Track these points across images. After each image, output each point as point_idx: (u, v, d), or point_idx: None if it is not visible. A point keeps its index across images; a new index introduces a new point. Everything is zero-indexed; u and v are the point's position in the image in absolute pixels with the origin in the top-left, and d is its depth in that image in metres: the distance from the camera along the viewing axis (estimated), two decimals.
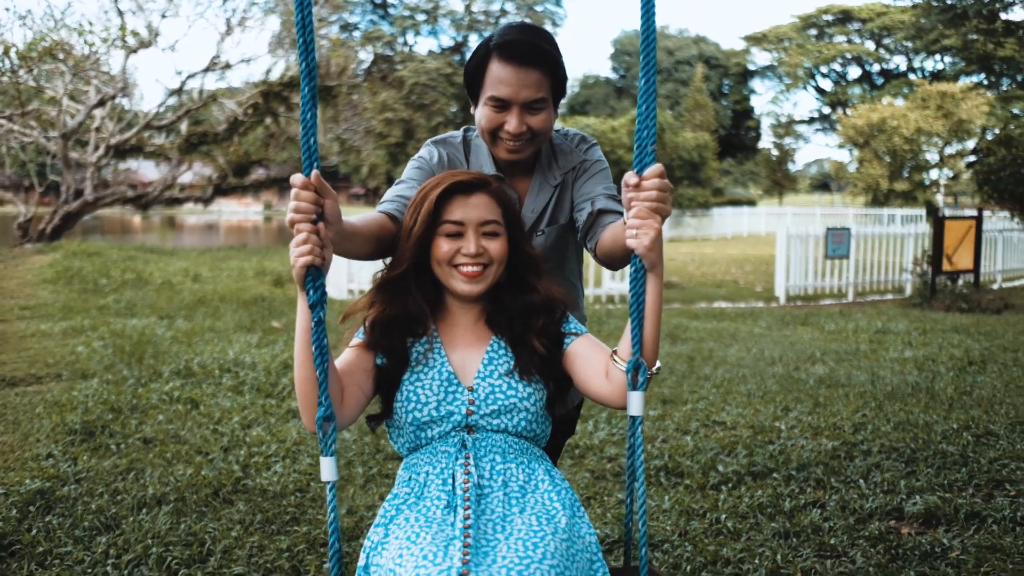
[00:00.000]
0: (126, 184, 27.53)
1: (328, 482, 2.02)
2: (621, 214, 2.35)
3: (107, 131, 22.92)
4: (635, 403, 2.12)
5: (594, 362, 2.24)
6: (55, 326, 9.55)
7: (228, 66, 22.72)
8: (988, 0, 11.70)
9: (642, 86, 1.97)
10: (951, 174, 46.46)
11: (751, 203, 47.61)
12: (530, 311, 2.29)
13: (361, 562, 2.13)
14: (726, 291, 15.72)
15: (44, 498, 4.10)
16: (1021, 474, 4.34)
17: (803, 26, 66.47)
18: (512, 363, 2.26)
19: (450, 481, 2.15)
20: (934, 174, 47.60)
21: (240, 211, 62.91)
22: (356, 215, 2.28)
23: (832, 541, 3.69)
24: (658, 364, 2.19)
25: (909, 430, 5.17)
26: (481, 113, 2.46)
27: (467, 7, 67.40)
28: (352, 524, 3.97)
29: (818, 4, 65.22)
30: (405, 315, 2.26)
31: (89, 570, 3.39)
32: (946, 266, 13.66)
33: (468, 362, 2.27)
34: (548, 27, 49.51)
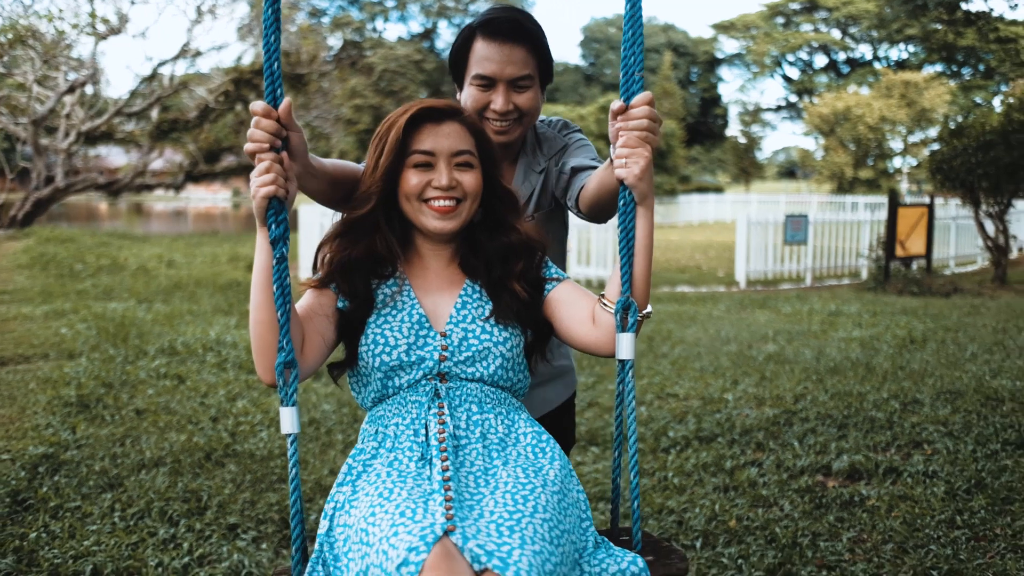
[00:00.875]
0: (95, 171, 27.64)
1: (288, 435, 1.91)
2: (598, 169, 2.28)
3: (77, 118, 23.04)
4: (625, 346, 2.01)
5: (579, 308, 2.12)
6: (36, 309, 9.83)
7: (199, 53, 22.89)
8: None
9: (627, 10, 1.92)
10: (914, 162, 47.29)
11: (718, 190, 48.20)
12: (508, 253, 2.13)
13: (322, 528, 1.94)
14: (689, 276, 16.18)
15: (50, 461, 4.46)
16: (938, 436, 4.81)
17: (770, 14, 67.13)
18: (488, 308, 2.11)
19: (422, 432, 2.00)
20: (897, 162, 48.44)
21: (208, 198, 62.69)
22: (328, 159, 2.15)
23: (765, 493, 4.13)
24: (649, 308, 2.08)
25: (844, 399, 5.62)
26: (467, 94, 2.41)
27: None
28: (332, 484, 4.36)
29: None
30: (370, 255, 2.09)
31: (98, 521, 3.76)
32: (899, 252, 14.19)
33: (440, 306, 2.11)
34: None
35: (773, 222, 15.26)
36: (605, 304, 2.05)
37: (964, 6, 35.45)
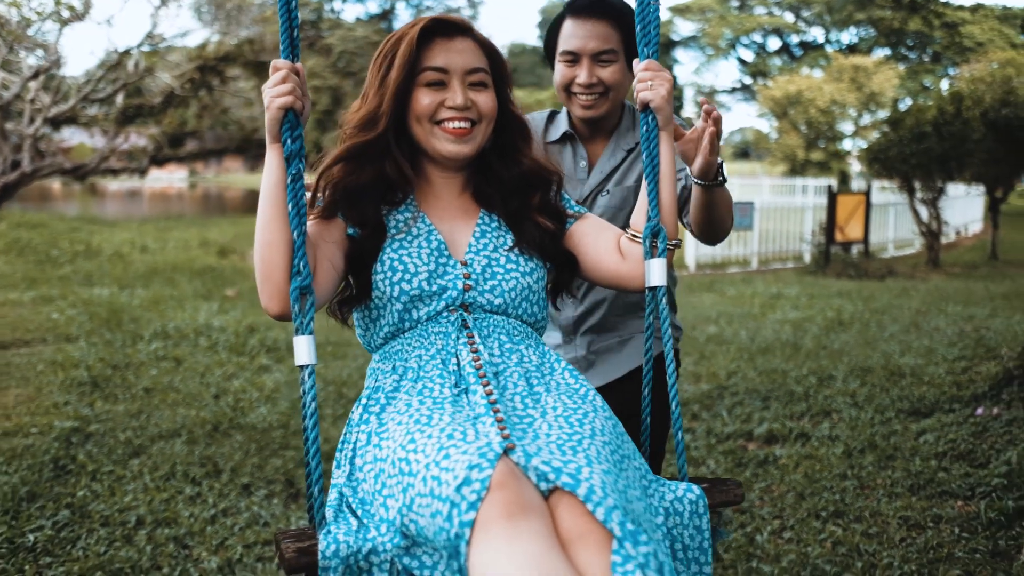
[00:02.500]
0: (59, 154, 27.88)
1: (306, 366, 1.75)
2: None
3: (42, 103, 23.32)
4: (656, 271, 1.95)
5: (605, 239, 2.05)
6: (23, 295, 10.37)
7: (163, 40, 23.24)
8: None
9: None
10: (864, 144, 48.44)
11: None
12: (524, 184, 2.04)
13: (338, 478, 1.87)
14: None
15: (79, 433, 5.12)
16: (845, 406, 5.60)
17: None
18: (511, 239, 2.02)
19: (452, 362, 1.88)
20: (848, 144, 49.58)
21: (164, 177, 62.45)
22: None
23: (695, 455, 4.90)
24: (679, 239, 2.05)
25: (770, 376, 6.41)
26: (556, 71, 2.50)
27: None
28: (329, 450, 5.06)
29: None
30: (380, 181, 1.96)
31: (132, 482, 4.43)
32: (839, 237, 15.07)
33: (457, 235, 2.00)
34: None
35: None
36: (634, 235, 2.00)
37: None
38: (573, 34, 2.44)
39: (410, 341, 1.92)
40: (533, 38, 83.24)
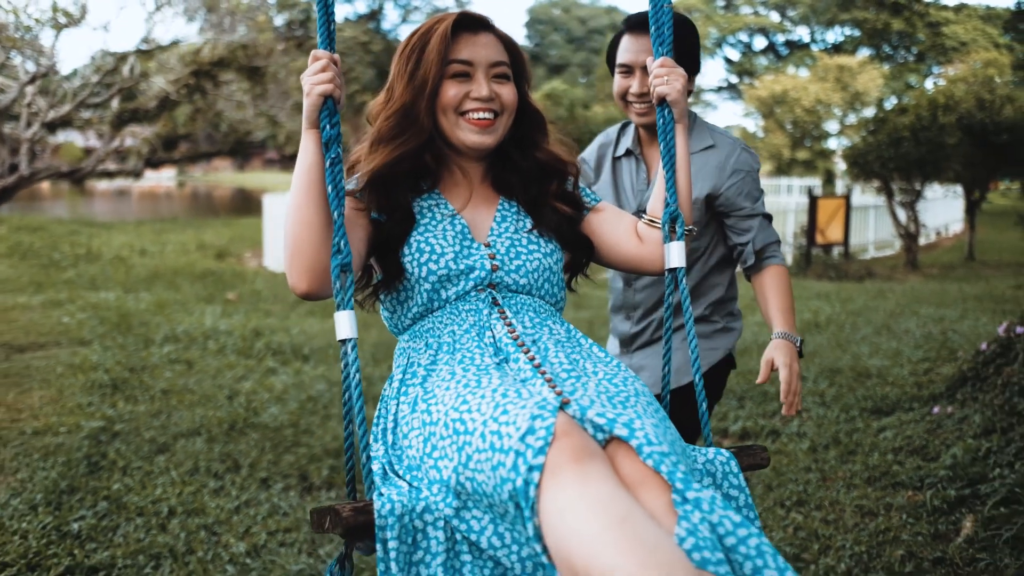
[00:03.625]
0: (48, 154, 28.19)
1: (348, 339, 1.83)
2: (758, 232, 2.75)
3: (39, 107, 23.65)
4: (675, 254, 2.08)
5: (622, 225, 2.19)
6: (32, 299, 10.76)
7: (160, 47, 23.59)
8: None
9: None
10: (849, 143, 48.96)
11: None
12: (541, 173, 2.17)
13: (377, 451, 1.92)
14: None
15: (106, 432, 5.53)
16: (814, 405, 6.07)
17: None
18: (529, 222, 2.15)
19: (487, 335, 1.98)
20: (833, 143, 50.09)
21: (152, 176, 62.49)
22: None
23: None
24: (693, 226, 2.16)
25: (746, 376, 6.85)
26: (615, 82, 2.77)
27: None
28: (336, 447, 5.47)
29: None
30: (416, 169, 2.09)
31: (160, 476, 4.85)
32: (819, 239, 15.56)
33: (478, 219, 2.13)
34: None
35: None
36: (651, 221, 2.15)
37: None
38: (627, 48, 2.70)
39: (440, 319, 2.03)
40: (520, 38, 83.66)
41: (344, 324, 1.83)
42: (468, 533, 1.70)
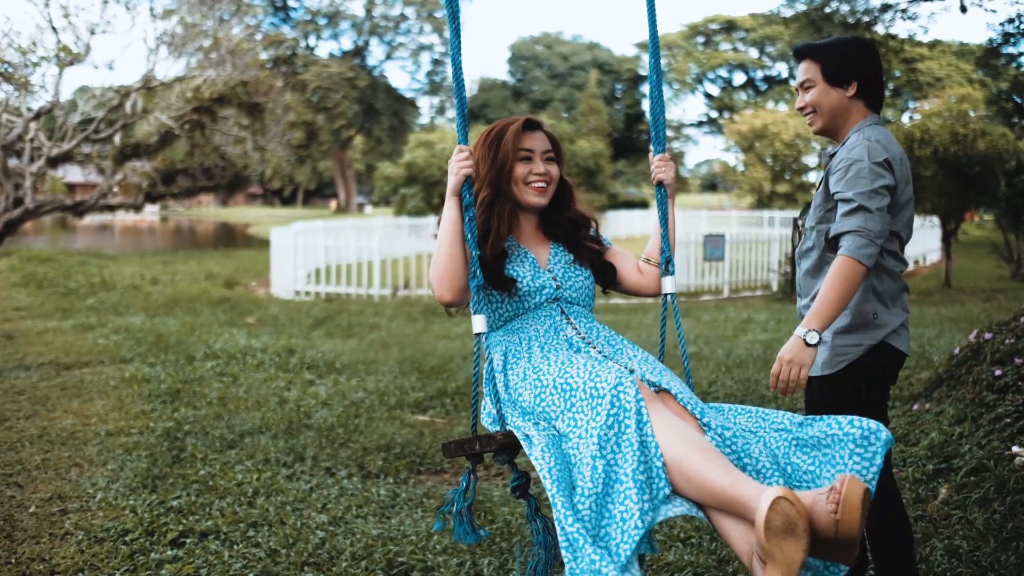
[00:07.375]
0: (48, 191, 28.78)
1: (481, 334, 2.73)
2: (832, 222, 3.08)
3: (40, 142, 24.30)
4: (669, 285, 3.07)
5: (628, 263, 3.16)
6: (62, 323, 11.34)
7: (162, 84, 24.34)
8: (852, 23, 13.98)
9: (651, 76, 3.13)
10: None
11: (643, 204, 50.26)
12: (573, 224, 3.10)
13: (491, 407, 2.79)
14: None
15: (178, 431, 6.17)
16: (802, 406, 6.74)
17: (691, 34, 69.68)
18: (572, 257, 3.06)
19: (562, 334, 2.88)
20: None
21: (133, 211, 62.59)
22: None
23: None
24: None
25: (744, 384, 7.56)
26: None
27: (367, 11, 68.69)
28: (350, 447, 6.12)
29: (705, 13, 68.78)
30: (512, 226, 3.01)
31: (235, 465, 5.49)
32: None
33: (539, 254, 3.04)
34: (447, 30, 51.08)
35: (694, 240, 17.24)
36: (648, 260, 3.14)
37: (868, 35, 37.93)
38: (795, 73, 3.31)
39: (525, 321, 2.93)
40: (503, 73, 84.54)
41: (479, 323, 2.75)
42: (529, 447, 2.51)
